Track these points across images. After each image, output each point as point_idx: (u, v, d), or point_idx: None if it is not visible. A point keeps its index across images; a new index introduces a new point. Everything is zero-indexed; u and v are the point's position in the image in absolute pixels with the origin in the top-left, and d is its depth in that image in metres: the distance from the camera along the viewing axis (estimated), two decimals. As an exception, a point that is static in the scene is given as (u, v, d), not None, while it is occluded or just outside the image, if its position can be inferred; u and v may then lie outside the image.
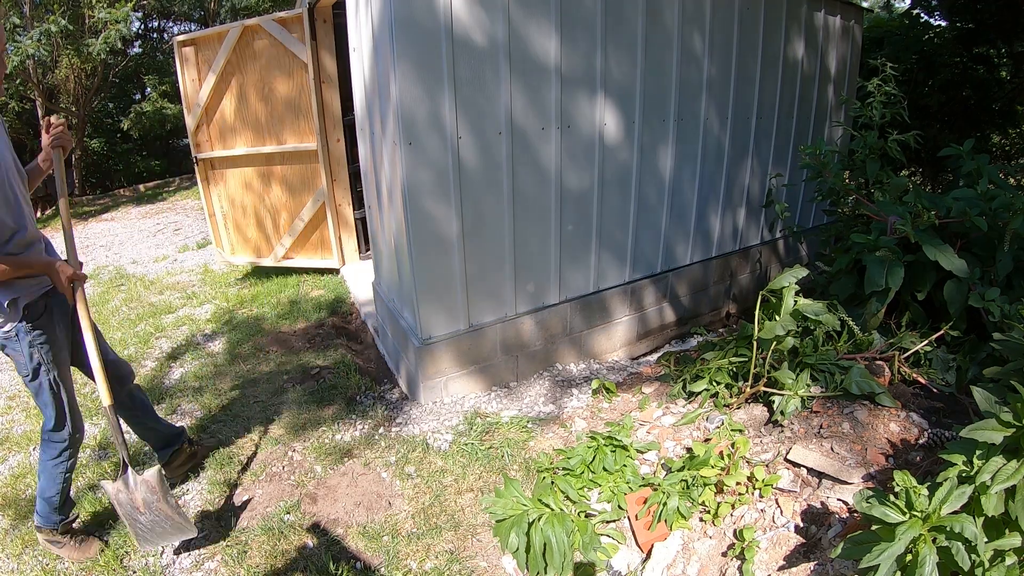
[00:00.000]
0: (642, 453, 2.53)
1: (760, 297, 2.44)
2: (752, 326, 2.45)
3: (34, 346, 2.07)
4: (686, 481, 2.23)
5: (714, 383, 2.67)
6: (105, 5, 8.08)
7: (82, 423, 2.31)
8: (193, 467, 2.79)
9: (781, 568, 1.80)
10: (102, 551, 2.36)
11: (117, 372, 2.41)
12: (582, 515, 2.28)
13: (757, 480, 2.11)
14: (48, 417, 2.18)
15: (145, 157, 13.10)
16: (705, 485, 2.19)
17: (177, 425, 2.82)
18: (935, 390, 2.37)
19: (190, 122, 5.01)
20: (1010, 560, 1.36)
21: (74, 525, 2.39)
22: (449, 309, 3.08)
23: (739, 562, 1.90)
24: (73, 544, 2.34)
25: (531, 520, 2.18)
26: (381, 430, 3.03)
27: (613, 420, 2.84)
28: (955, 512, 1.41)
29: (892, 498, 1.48)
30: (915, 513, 1.43)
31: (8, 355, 2.10)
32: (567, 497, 2.34)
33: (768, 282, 2.43)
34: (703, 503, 2.17)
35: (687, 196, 3.89)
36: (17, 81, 9.70)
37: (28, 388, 2.16)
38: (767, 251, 4.72)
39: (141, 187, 11.47)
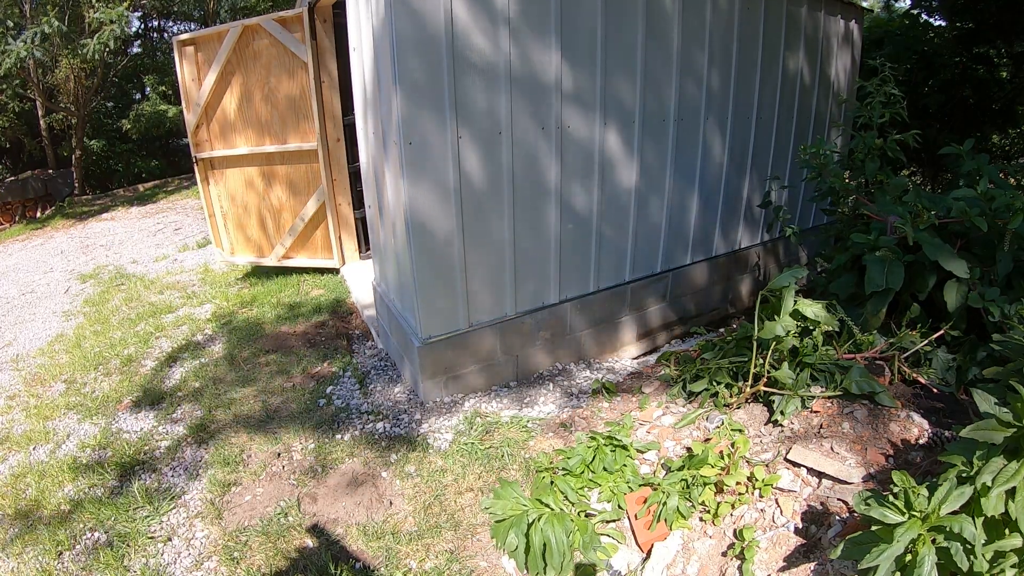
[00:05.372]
0: (642, 453, 2.53)
1: (760, 297, 2.44)
2: (752, 326, 2.45)
3: None
4: (686, 481, 2.23)
5: (714, 383, 2.67)
6: (103, 5, 8.06)
7: None
8: None
9: (781, 568, 1.80)
10: None
11: None
12: (582, 515, 2.28)
13: (757, 480, 2.11)
14: None
15: (145, 157, 13.07)
16: (705, 485, 2.19)
17: None
18: (935, 390, 2.37)
19: (190, 121, 5.01)
20: (1010, 561, 1.36)
21: None
22: (449, 309, 3.08)
23: (739, 562, 1.90)
24: None
25: (530, 520, 2.18)
26: (381, 429, 3.03)
27: (613, 420, 2.84)
28: (954, 512, 1.42)
29: (891, 498, 1.48)
30: (914, 513, 1.43)
31: None
32: (566, 497, 2.34)
33: (768, 282, 2.43)
34: (703, 503, 2.17)
35: (687, 197, 3.89)
36: (16, 81, 9.70)
37: None
38: (767, 251, 4.72)
39: (141, 187, 11.46)
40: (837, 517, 1.85)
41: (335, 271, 5.36)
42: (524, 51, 2.87)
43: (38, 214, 10.14)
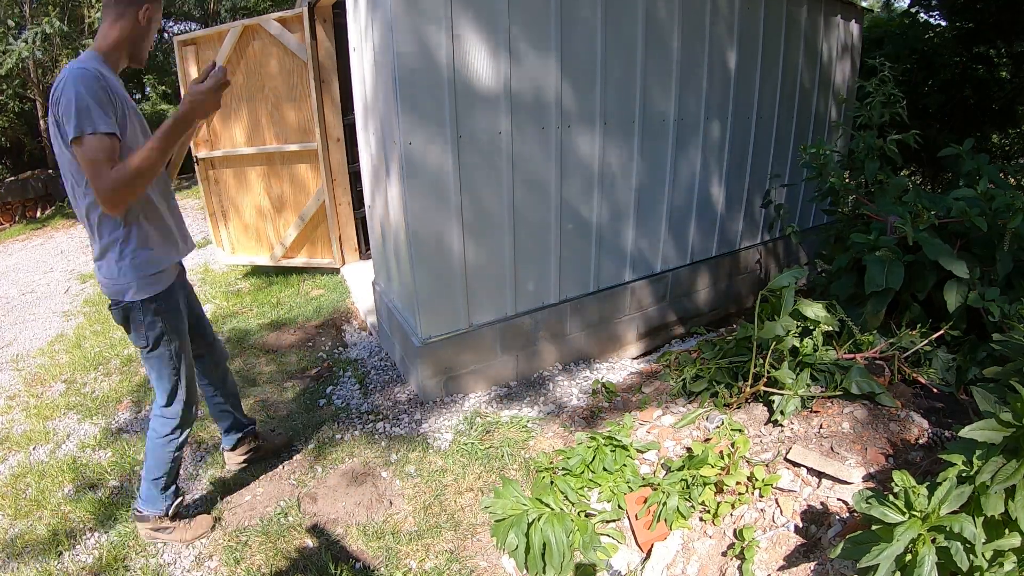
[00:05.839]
0: (642, 453, 2.53)
1: (760, 297, 2.44)
2: (752, 326, 2.45)
3: (159, 315, 2.05)
4: (686, 481, 2.23)
5: (714, 383, 2.67)
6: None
7: (196, 398, 2.29)
8: (251, 459, 2.78)
9: (781, 568, 1.80)
10: (214, 526, 2.39)
11: (216, 352, 2.48)
12: (582, 515, 2.28)
13: (757, 480, 2.11)
14: (161, 391, 2.17)
15: (145, 157, 13.08)
16: (705, 485, 2.19)
17: (250, 418, 2.79)
18: (935, 390, 2.37)
19: (190, 122, 5.00)
20: (1009, 560, 1.36)
21: (181, 510, 2.38)
22: (449, 309, 3.08)
23: (739, 562, 1.90)
24: (183, 526, 2.35)
25: (530, 520, 2.18)
26: (381, 429, 3.03)
27: (613, 420, 2.84)
28: (954, 512, 1.42)
29: (891, 498, 1.48)
30: (914, 513, 1.43)
31: (128, 324, 2.05)
32: (566, 497, 2.34)
33: (768, 282, 2.43)
34: (703, 503, 2.17)
35: (687, 196, 3.89)
36: (16, 82, 9.69)
37: (144, 360, 2.13)
38: (767, 251, 4.72)
39: (141, 187, 11.45)
40: (837, 517, 1.85)
41: (335, 271, 5.36)
42: (524, 45, 2.87)
43: (38, 214, 10.14)
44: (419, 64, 2.61)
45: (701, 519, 2.15)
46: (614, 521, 2.28)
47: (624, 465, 2.43)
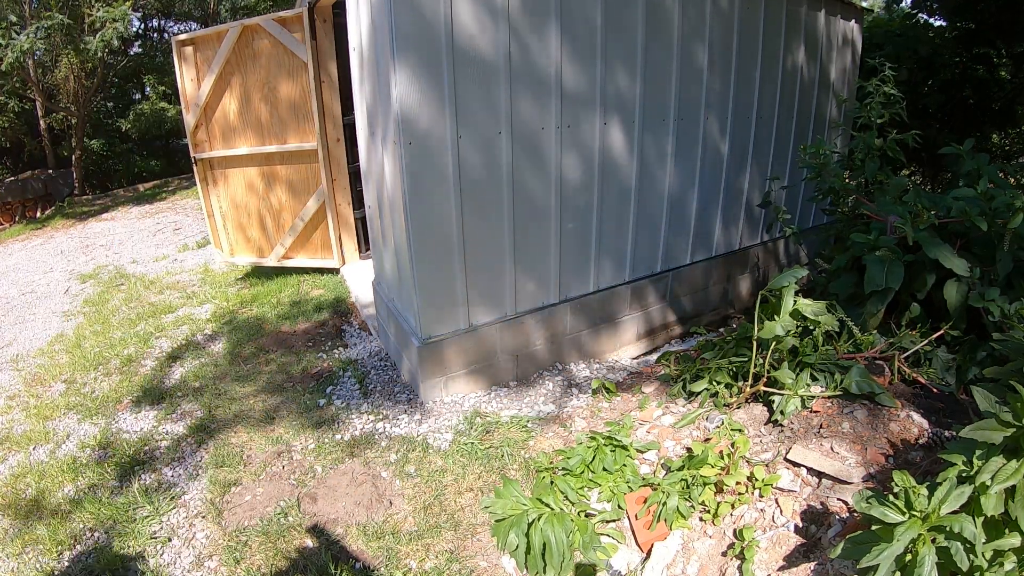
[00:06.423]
0: (642, 453, 2.53)
1: (760, 297, 2.44)
2: (752, 326, 2.45)
3: None
4: (686, 481, 2.23)
5: (714, 383, 2.67)
6: (103, 4, 8.06)
7: None
8: None
9: (781, 568, 1.80)
10: None
11: None
12: (582, 515, 2.28)
13: (757, 480, 2.11)
14: None
15: (145, 157, 13.08)
16: (705, 485, 2.19)
17: None
18: (935, 390, 2.37)
19: (189, 122, 5.00)
20: (1009, 560, 1.36)
21: None
22: (449, 309, 3.08)
23: (739, 562, 1.90)
24: None
25: (530, 520, 2.18)
26: (381, 429, 3.03)
27: (613, 420, 2.84)
28: (954, 512, 1.42)
29: (891, 498, 1.48)
30: (914, 513, 1.43)
31: None
32: (567, 497, 2.34)
33: (768, 282, 2.43)
34: (703, 503, 2.17)
35: (686, 197, 3.89)
36: (16, 81, 9.69)
37: None
38: (766, 251, 4.72)
39: (141, 187, 11.45)
40: (837, 517, 1.85)
41: (335, 271, 5.36)
42: (524, 44, 2.87)
43: (38, 214, 10.14)
44: (418, 64, 2.60)
45: (701, 519, 2.15)
46: (614, 521, 2.28)
47: (624, 465, 2.43)
